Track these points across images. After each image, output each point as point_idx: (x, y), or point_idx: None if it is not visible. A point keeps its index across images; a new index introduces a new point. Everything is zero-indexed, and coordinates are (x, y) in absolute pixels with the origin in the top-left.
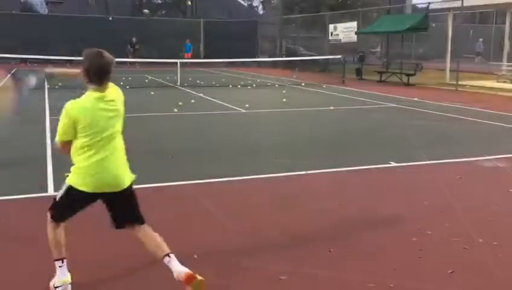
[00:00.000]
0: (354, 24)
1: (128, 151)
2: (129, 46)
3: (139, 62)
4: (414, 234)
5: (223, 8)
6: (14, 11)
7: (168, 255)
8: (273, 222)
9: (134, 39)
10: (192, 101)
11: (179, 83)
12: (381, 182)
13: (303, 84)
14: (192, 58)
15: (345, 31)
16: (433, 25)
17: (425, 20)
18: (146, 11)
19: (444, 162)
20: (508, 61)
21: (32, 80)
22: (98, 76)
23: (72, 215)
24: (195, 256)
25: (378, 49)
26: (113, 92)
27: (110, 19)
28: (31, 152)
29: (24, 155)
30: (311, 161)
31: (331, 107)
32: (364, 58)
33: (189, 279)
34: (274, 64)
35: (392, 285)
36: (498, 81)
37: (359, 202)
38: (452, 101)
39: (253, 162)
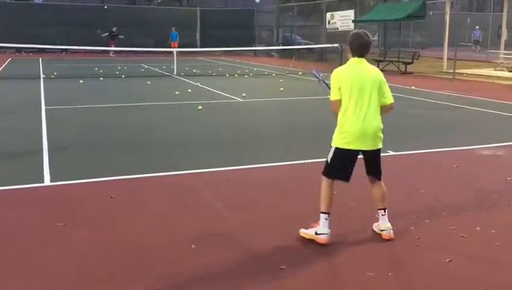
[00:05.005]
0: (351, 12)
1: (125, 141)
2: (107, 34)
3: (113, 50)
4: (412, 222)
5: None
6: (8, 0)
7: (383, 209)
8: (274, 210)
9: (114, 29)
10: (189, 90)
11: (175, 72)
12: None
13: (300, 73)
14: (177, 47)
15: (342, 19)
16: (431, 13)
17: (423, 8)
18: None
19: (441, 151)
20: (505, 49)
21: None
22: (359, 50)
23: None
24: (193, 246)
25: (376, 38)
26: (370, 66)
27: (105, 7)
28: (27, 143)
29: (20, 146)
30: (310, 149)
31: (328, 96)
32: None
33: (387, 239)
34: (271, 53)
35: (390, 274)
36: (495, 70)
37: (356, 191)
38: (449, 90)
39: (252, 151)
